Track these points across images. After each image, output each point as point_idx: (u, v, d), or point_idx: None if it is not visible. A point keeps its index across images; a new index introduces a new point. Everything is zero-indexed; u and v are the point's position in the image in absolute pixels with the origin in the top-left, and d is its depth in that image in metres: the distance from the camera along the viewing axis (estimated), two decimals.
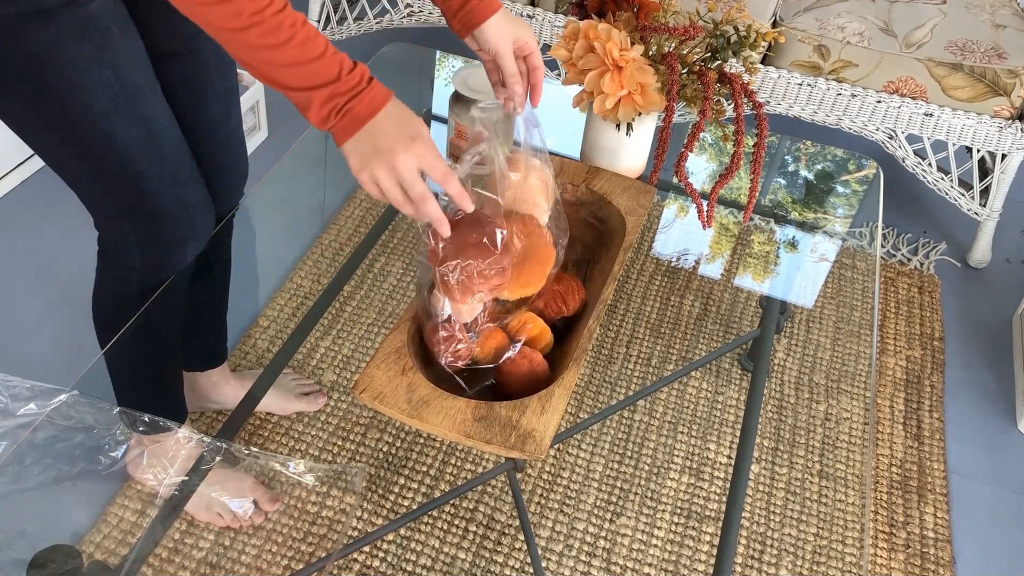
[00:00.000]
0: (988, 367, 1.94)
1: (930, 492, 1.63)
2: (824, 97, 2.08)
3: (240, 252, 1.39)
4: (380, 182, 0.90)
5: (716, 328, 1.63)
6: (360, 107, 0.88)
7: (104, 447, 1.04)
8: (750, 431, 1.38)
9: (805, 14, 2.10)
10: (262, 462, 1.18)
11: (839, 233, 1.68)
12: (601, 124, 1.29)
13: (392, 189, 0.90)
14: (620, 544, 1.33)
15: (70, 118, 0.98)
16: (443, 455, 1.43)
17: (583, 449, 1.44)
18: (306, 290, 1.64)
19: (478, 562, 1.30)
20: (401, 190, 0.90)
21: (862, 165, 1.79)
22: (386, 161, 0.89)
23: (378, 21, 2.45)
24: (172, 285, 1.17)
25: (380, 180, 0.89)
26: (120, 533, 1.20)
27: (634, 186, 1.25)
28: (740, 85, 1.22)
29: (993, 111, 2.00)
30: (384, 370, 0.96)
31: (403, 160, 0.88)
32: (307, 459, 1.42)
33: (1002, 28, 2.07)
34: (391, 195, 0.90)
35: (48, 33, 0.92)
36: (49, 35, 0.92)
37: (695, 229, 1.58)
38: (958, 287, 2.14)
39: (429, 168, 0.90)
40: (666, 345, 1.59)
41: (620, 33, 1.17)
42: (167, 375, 1.28)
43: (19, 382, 1.05)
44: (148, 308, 1.13)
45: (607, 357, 1.56)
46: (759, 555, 1.36)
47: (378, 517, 1.34)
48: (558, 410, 0.94)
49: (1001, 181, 2.07)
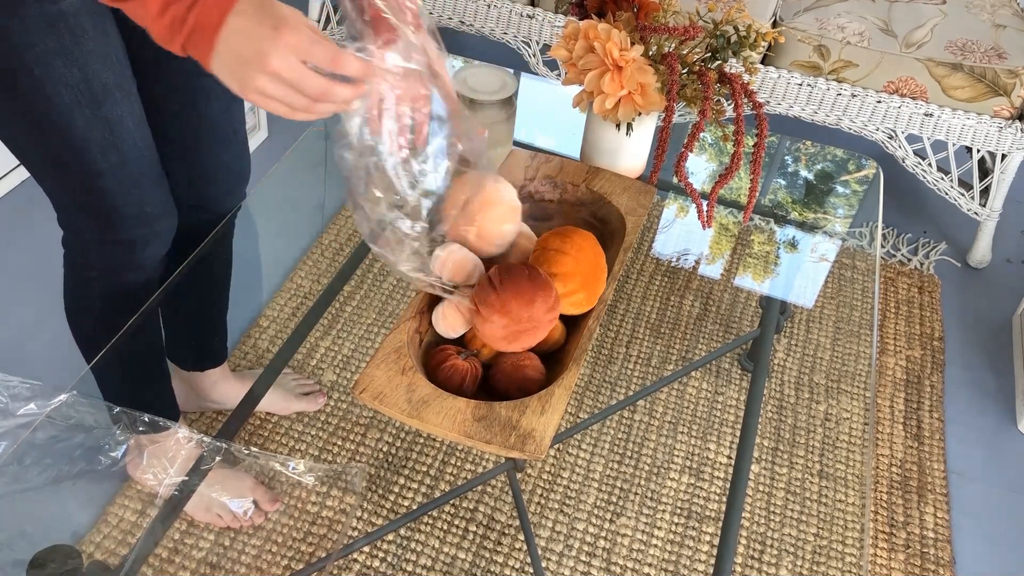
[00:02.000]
0: (988, 367, 1.94)
1: (930, 492, 1.63)
2: (824, 97, 2.08)
3: (240, 252, 1.39)
4: (269, 94, 0.75)
5: (716, 328, 1.63)
6: (205, 13, 0.73)
7: (104, 447, 1.04)
8: (750, 431, 1.38)
9: (805, 14, 2.10)
10: (262, 462, 1.18)
11: (839, 233, 1.68)
12: (601, 124, 1.29)
13: (286, 97, 0.75)
14: (620, 544, 1.33)
15: (31, 110, 0.98)
16: (443, 455, 1.43)
17: (583, 449, 1.44)
18: (306, 290, 1.64)
19: (478, 562, 1.30)
20: (298, 93, 0.76)
21: (862, 165, 1.79)
22: (260, 69, 0.74)
23: None
24: (143, 288, 1.16)
25: (268, 92, 0.75)
26: (120, 533, 1.20)
27: (634, 186, 1.25)
28: (740, 85, 1.22)
29: (993, 111, 2.00)
30: (384, 370, 0.96)
31: (277, 61, 0.73)
32: (307, 459, 1.42)
33: (1002, 28, 2.07)
34: (291, 103, 0.76)
35: (14, 25, 0.92)
36: (15, 27, 0.92)
37: (695, 229, 1.58)
38: (958, 287, 2.14)
39: (309, 55, 0.74)
40: (666, 345, 1.59)
41: (620, 33, 1.17)
42: (153, 377, 1.28)
43: (19, 382, 1.05)
44: (123, 312, 1.12)
45: (607, 357, 1.56)
46: (759, 555, 1.36)
47: (378, 517, 1.34)
48: (558, 410, 0.94)
49: (1001, 181, 2.07)
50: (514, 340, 0.96)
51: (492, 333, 0.95)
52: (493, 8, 2.25)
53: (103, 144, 1.03)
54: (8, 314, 1.75)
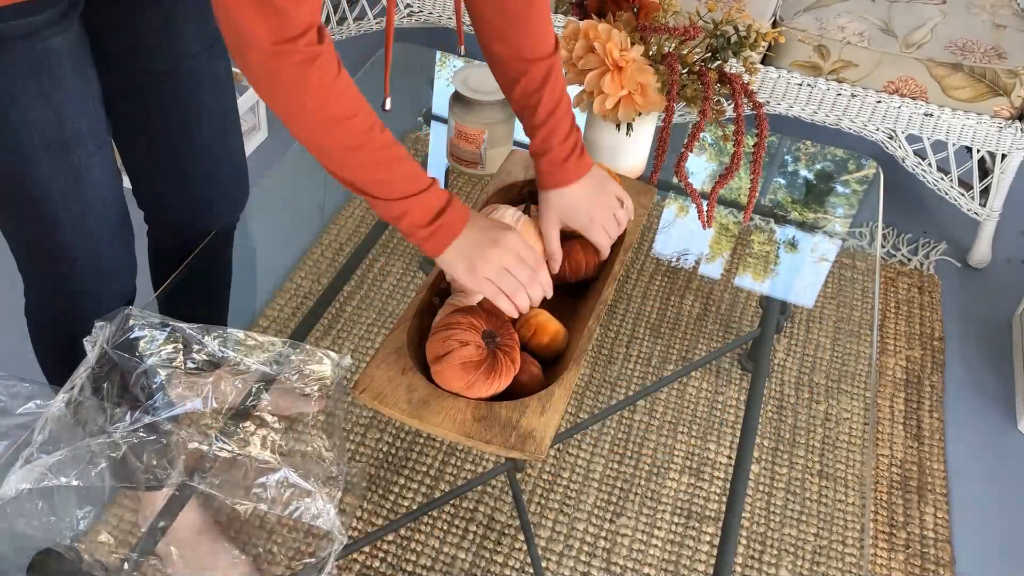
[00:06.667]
0: (988, 367, 1.94)
1: (930, 492, 1.63)
2: (824, 97, 2.08)
3: (240, 252, 1.39)
4: (491, 276, 0.97)
5: (716, 328, 1.63)
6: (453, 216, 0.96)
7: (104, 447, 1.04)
8: (750, 431, 1.38)
9: (805, 14, 2.10)
10: None
11: (839, 233, 1.68)
12: (601, 124, 1.29)
13: (504, 277, 0.98)
14: (620, 544, 1.33)
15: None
16: (443, 455, 1.43)
17: (583, 449, 1.44)
18: (306, 290, 1.64)
19: (478, 562, 1.30)
20: (511, 276, 0.98)
21: (862, 165, 1.79)
22: (488, 258, 0.97)
23: (378, 21, 2.45)
24: None
25: (490, 274, 0.97)
26: (120, 533, 1.20)
27: (634, 186, 1.25)
28: (740, 85, 1.22)
29: (993, 111, 2.00)
30: (384, 370, 0.96)
31: (501, 254, 0.97)
32: None
33: (1002, 28, 2.07)
34: (505, 283, 0.98)
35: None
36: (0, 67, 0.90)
37: (695, 229, 1.59)
38: (958, 287, 2.14)
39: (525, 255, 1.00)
40: (666, 345, 1.59)
41: (620, 33, 1.17)
42: None
43: (19, 382, 1.05)
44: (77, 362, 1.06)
45: (607, 357, 1.56)
46: (759, 555, 1.36)
47: (378, 517, 1.34)
48: (558, 410, 0.94)
49: (1001, 181, 2.07)
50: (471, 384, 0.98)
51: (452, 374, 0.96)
52: None
53: (65, 192, 1.00)
54: (8, 314, 1.75)
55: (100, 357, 0.97)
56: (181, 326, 1.03)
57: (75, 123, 0.97)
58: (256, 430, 1.04)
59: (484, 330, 0.96)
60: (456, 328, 0.95)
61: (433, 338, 0.97)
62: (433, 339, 0.97)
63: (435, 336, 0.97)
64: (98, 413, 0.98)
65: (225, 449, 1.00)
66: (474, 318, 0.96)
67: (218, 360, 1.04)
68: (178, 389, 1.05)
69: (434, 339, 0.97)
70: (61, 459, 0.92)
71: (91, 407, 0.98)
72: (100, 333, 0.98)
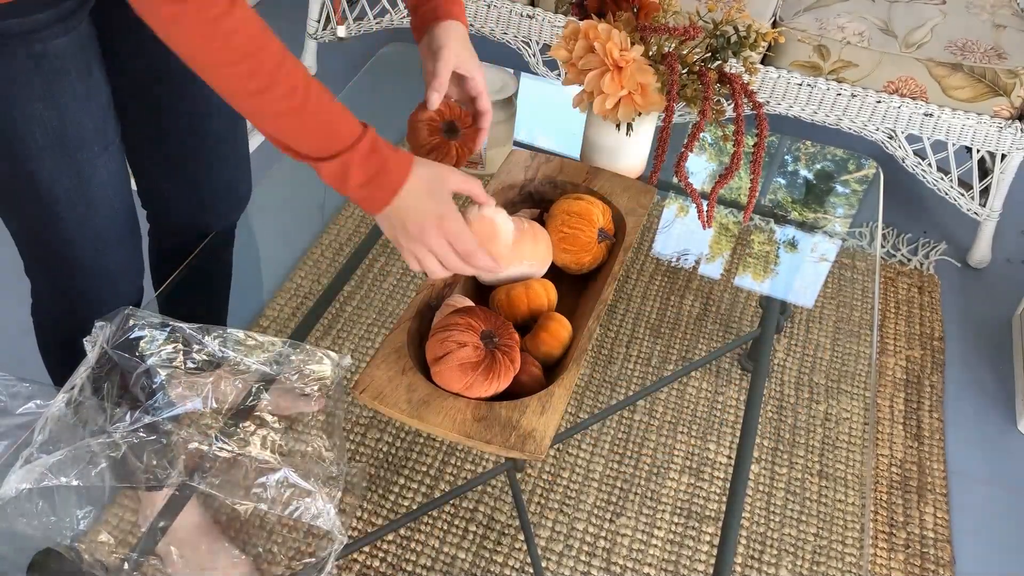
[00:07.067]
0: (988, 367, 1.94)
1: (930, 492, 1.63)
2: (824, 97, 2.08)
3: (240, 252, 1.39)
4: (421, 261, 0.95)
5: (716, 328, 1.63)
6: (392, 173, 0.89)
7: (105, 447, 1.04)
8: (750, 431, 1.38)
9: (805, 14, 2.10)
10: None
11: (839, 233, 1.68)
12: (601, 124, 1.29)
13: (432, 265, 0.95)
14: (620, 544, 1.33)
15: (1, 150, 0.95)
16: (443, 455, 1.43)
17: (583, 449, 1.44)
18: (306, 290, 1.64)
19: (478, 562, 1.30)
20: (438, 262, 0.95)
21: (862, 165, 1.79)
22: (420, 243, 0.93)
23: (378, 21, 2.45)
24: None
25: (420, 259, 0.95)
26: (120, 533, 1.20)
27: (634, 186, 1.25)
28: (740, 85, 1.22)
29: (993, 111, 2.00)
30: (384, 370, 0.96)
31: (435, 242, 0.93)
32: None
33: (1002, 28, 2.07)
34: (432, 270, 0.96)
35: (1, 66, 0.89)
36: (1, 69, 0.89)
37: (695, 229, 1.58)
38: (958, 287, 2.14)
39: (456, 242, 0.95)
40: (666, 345, 1.59)
41: (620, 33, 1.17)
42: None
43: (19, 382, 1.05)
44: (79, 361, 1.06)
45: (607, 357, 1.56)
46: (759, 555, 1.36)
47: (378, 517, 1.34)
48: (558, 410, 0.94)
49: (1001, 181, 2.07)
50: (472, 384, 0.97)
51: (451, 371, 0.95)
52: (493, 8, 2.25)
53: (71, 193, 0.99)
54: (8, 314, 1.75)
55: (100, 357, 0.97)
56: (181, 326, 1.03)
57: (79, 124, 0.96)
58: (256, 430, 1.04)
59: (483, 331, 0.96)
60: (454, 329, 0.95)
61: (432, 339, 0.97)
62: (432, 340, 0.97)
63: (433, 337, 0.97)
64: (98, 413, 0.98)
65: (225, 449, 1.00)
66: (472, 319, 0.96)
67: (218, 360, 1.04)
68: (178, 389, 1.05)
69: (432, 340, 0.97)
70: (61, 459, 0.92)
71: (91, 407, 0.98)
72: (100, 333, 0.98)
